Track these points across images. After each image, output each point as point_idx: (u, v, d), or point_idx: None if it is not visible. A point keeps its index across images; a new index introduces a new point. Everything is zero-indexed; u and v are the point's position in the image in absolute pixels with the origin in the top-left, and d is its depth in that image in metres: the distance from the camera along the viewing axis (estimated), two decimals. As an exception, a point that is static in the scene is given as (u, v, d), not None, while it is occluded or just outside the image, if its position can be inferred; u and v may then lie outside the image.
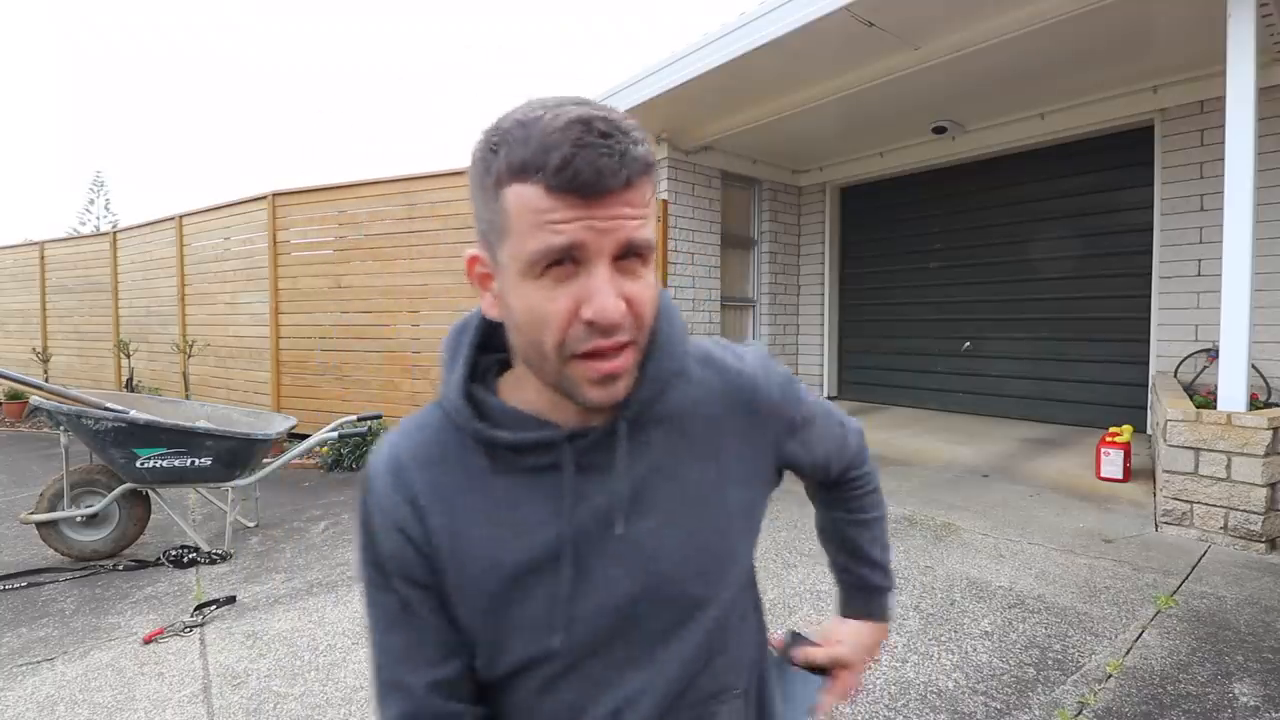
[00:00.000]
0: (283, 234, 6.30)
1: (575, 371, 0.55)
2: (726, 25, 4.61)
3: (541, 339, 0.54)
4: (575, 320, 0.53)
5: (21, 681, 2.21)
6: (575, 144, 0.49)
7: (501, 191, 0.52)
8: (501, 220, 0.53)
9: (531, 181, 0.50)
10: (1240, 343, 3.19)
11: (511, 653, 0.62)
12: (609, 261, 0.53)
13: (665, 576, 0.63)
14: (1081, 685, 2.02)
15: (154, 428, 3.19)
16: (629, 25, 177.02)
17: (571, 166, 0.49)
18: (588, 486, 0.62)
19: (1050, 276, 5.91)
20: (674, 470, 0.65)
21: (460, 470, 0.63)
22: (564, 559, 0.60)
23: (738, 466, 0.68)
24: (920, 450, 5.14)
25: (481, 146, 0.54)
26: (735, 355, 0.72)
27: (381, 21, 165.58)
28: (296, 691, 2.12)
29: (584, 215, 0.51)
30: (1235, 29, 3.24)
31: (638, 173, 0.52)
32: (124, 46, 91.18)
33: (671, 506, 0.64)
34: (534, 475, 0.61)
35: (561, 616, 0.60)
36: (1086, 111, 5.35)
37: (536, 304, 0.53)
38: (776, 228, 7.56)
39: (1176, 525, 3.30)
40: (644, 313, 0.56)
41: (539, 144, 0.50)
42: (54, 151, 69.30)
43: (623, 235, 0.52)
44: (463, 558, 0.61)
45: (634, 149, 0.51)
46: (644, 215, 0.54)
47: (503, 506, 0.61)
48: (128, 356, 7.62)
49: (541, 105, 0.52)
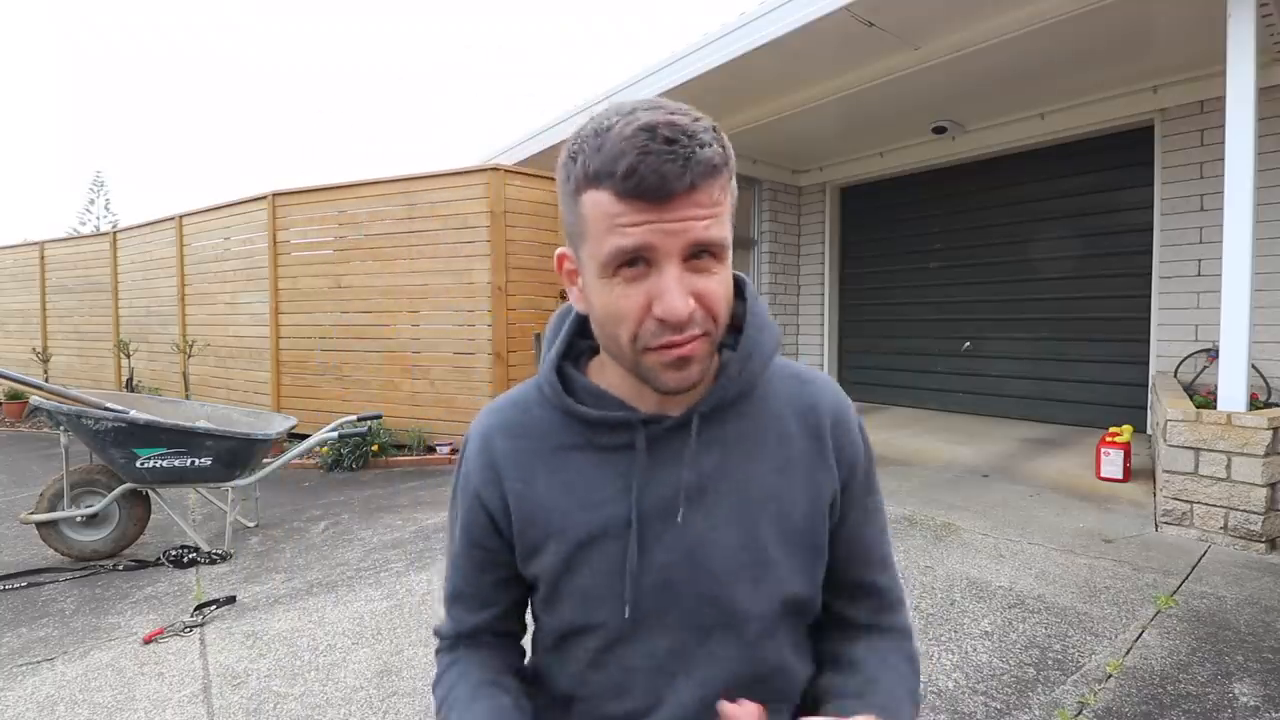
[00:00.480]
0: (283, 234, 6.30)
1: (650, 360, 0.58)
2: (726, 25, 4.61)
3: (618, 332, 0.58)
4: (647, 316, 0.56)
5: (21, 681, 2.21)
6: (641, 151, 0.52)
7: (580, 197, 0.56)
8: (580, 224, 0.57)
9: (603, 188, 0.54)
10: (1240, 343, 3.19)
11: (563, 616, 0.68)
12: (679, 261, 0.55)
13: (711, 575, 0.64)
14: (1081, 685, 2.02)
15: (154, 428, 3.19)
16: (629, 25, 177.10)
17: (637, 173, 0.52)
18: (656, 471, 0.65)
19: (1050, 276, 5.91)
20: (740, 473, 0.67)
21: (542, 442, 0.69)
22: (631, 535, 0.64)
23: (808, 487, 0.68)
24: (920, 450, 5.14)
25: (565, 155, 0.58)
26: (828, 383, 0.74)
27: (381, 21, 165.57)
28: (296, 691, 2.11)
29: (652, 219, 0.54)
30: (1235, 29, 3.24)
31: (703, 175, 0.54)
32: (124, 46, 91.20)
33: (731, 508, 0.66)
34: (608, 454, 0.66)
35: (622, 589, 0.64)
36: (1086, 111, 5.35)
37: (612, 301, 0.57)
38: (776, 228, 7.56)
39: (1176, 525, 3.30)
40: (716, 307, 0.58)
41: (609, 153, 0.53)
42: (54, 151, 69.30)
43: (690, 236, 0.55)
44: (532, 519, 0.68)
45: (700, 152, 0.53)
46: (714, 215, 0.55)
47: (576, 479, 0.67)
48: (128, 356, 7.62)
49: (617, 112, 0.55)
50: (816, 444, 0.69)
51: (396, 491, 4.55)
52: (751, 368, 0.67)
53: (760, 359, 0.67)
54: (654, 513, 0.65)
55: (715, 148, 0.55)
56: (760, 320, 0.69)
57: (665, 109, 0.55)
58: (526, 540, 0.68)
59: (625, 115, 0.54)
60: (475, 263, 5.44)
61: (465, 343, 5.54)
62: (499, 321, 5.39)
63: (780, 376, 0.72)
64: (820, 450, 0.69)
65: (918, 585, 2.76)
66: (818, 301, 7.73)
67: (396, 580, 2.98)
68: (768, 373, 0.70)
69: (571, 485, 0.67)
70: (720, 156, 0.55)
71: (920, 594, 2.68)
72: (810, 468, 0.69)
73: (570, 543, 0.66)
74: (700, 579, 0.64)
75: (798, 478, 0.68)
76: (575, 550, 0.66)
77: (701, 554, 0.64)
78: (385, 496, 4.43)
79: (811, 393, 0.72)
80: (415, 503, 4.25)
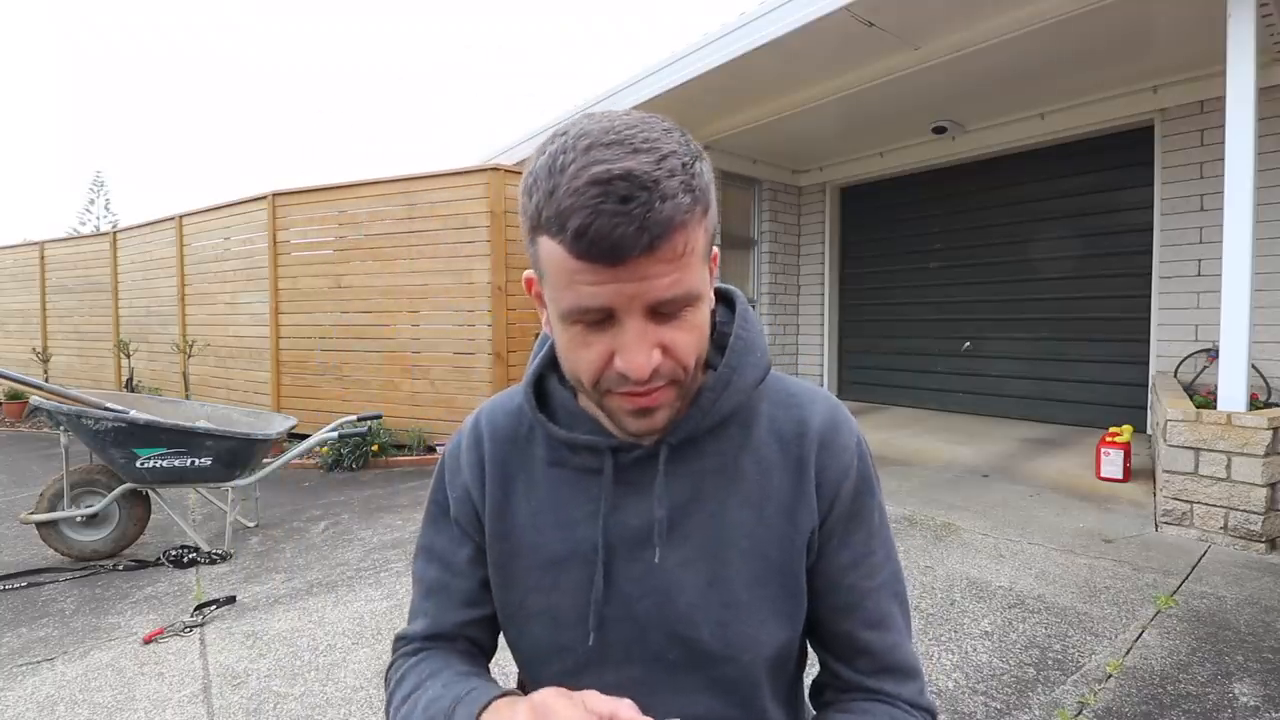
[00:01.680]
0: (283, 234, 6.30)
1: (613, 403, 0.56)
2: (726, 25, 4.61)
3: (579, 375, 0.56)
4: (609, 367, 0.53)
5: (21, 681, 2.21)
6: (592, 212, 0.47)
7: (536, 239, 0.52)
8: (539, 264, 0.54)
9: (556, 240, 0.49)
10: (1240, 343, 3.19)
11: (533, 633, 0.65)
12: (642, 316, 0.51)
13: (678, 613, 0.61)
14: (1081, 685, 2.02)
15: (154, 428, 3.19)
16: (629, 25, 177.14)
17: (587, 236, 0.47)
18: (625, 500, 0.63)
19: (1050, 276, 5.91)
20: (716, 507, 0.63)
21: (524, 452, 0.68)
22: (597, 563, 0.62)
23: (785, 525, 0.63)
24: (920, 450, 5.14)
25: (524, 182, 0.53)
26: (819, 401, 0.66)
27: (382, 21, 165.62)
28: (296, 691, 2.11)
29: (610, 278, 0.49)
30: (1235, 29, 3.24)
31: (663, 234, 0.48)
32: (124, 46, 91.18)
33: (703, 544, 0.62)
34: (583, 474, 0.64)
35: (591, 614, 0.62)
36: (1086, 111, 5.35)
37: (573, 348, 0.54)
38: (776, 228, 7.56)
39: (1176, 525, 3.30)
40: (684, 358, 0.54)
41: (560, 204, 0.48)
42: (54, 151, 69.34)
43: (651, 296, 0.50)
44: (507, 530, 0.66)
45: (660, 208, 0.47)
46: (678, 269, 0.50)
47: (551, 496, 0.65)
48: (128, 356, 7.62)
49: (574, 148, 0.49)
50: (798, 475, 0.63)
51: (396, 491, 4.55)
52: (728, 398, 0.61)
53: (740, 388, 0.62)
54: (622, 542, 0.62)
55: (681, 198, 0.48)
56: (746, 343, 0.63)
57: (626, 146, 0.48)
58: (497, 551, 0.67)
59: (580, 154, 0.48)
60: (475, 263, 5.44)
61: (465, 343, 5.54)
62: (499, 321, 5.39)
63: (772, 398, 0.66)
64: (801, 481, 0.63)
65: (918, 585, 2.76)
66: (818, 301, 7.73)
67: (396, 580, 2.98)
68: (756, 395, 0.65)
69: (547, 503, 0.65)
70: (687, 205, 0.49)
71: (920, 594, 2.68)
72: (790, 502, 0.63)
73: (542, 561, 0.64)
74: (666, 617, 0.61)
75: (775, 514, 0.62)
76: (547, 569, 0.64)
77: (667, 591, 0.61)
78: (385, 496, 4.43)
79: (802, 417, 0.65)
80: (415, 503, 4.24)
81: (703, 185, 0.51)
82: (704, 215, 0.52)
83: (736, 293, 0.68)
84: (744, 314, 0.66)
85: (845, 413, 0.67)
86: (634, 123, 0.50)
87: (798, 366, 7.92)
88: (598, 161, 0.47)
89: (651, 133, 0.49)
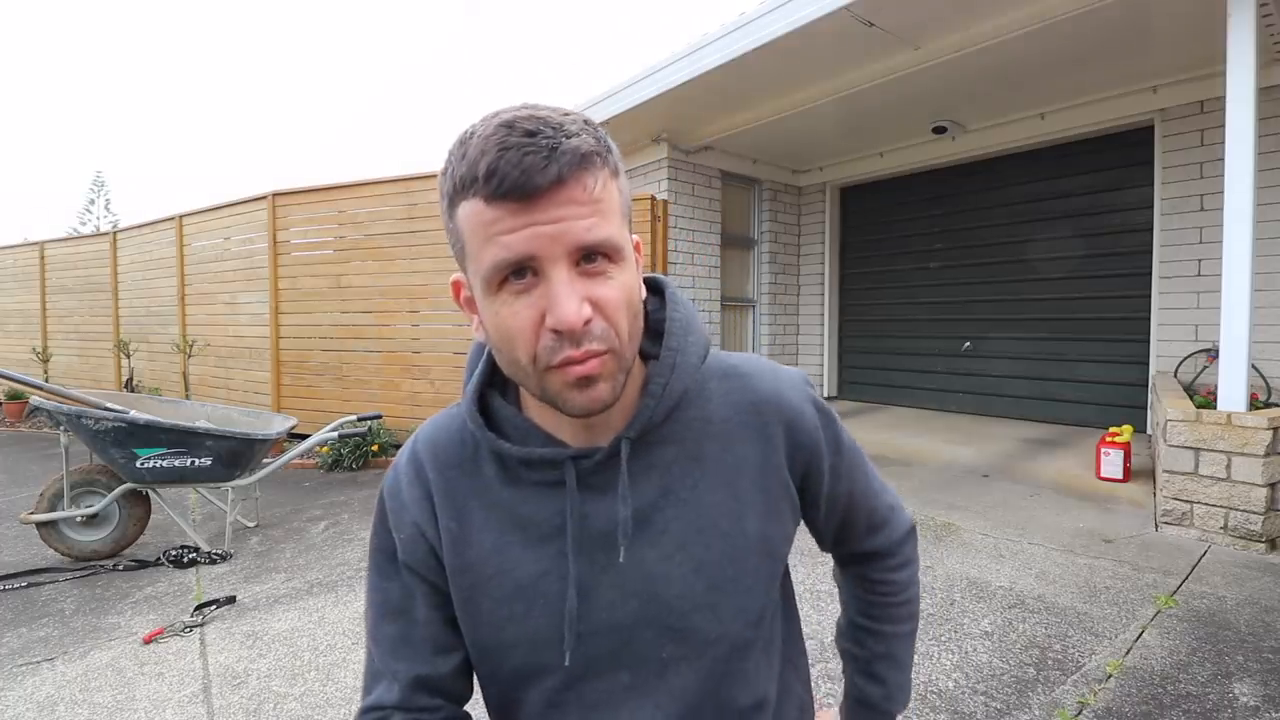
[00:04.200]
0: (283, 234, 6.30)
1: (553, 381, 0.53)
2: (726, 25, 4.61)
3: (516, 354, 0.53)
4: (542, 330, 0.51)
5: (21, 681, 2.21)
6: (500, 147, 0.48)
7: (455, 211, 0.52)
8: (460, 240, 0.53)
9: (472, 196, 0.50)
10: (1240, 343, 3.19)
11: (513, 661, 0.62)
12: (567, 266, 0.50)
13: (668, 606, 0.60)
14: (1081, 685, 2.02)
15: (154, 428, 3.19)
16: (629, 25, 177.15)
17: (499, 173, 0.48)
18: (592, 507, 0.61)
19: (1050, 276, 5.91)
20: (688, 495, 0.62)
21: (474, 476, 0.63)
22: (569, 579, 0.60)
23: (756, 495, 0.64)
24: (920, 450, 5.14)
25: (441, 171, 0.53)
26: (763, 370, 0.68)
27: (382, 22, 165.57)
28: (296, 691, 2.11)
29: (526, 221, 0.49)
30: (1235, 29, 3.24)
31: (572, 166, 0.49)
32: (124, 46, 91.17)
33: (682, 533, 0.61)
34: (542, 489, 0.61)
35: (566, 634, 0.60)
36: (1086, 111, 5.35)
37: (504, 319, 0.52)
38: (776, 228, 7.56)
39: (1176, 525, 3.30)
40: (615, 316, 0.53)
41: (471, 156, 0.49)
42: (54, 151, 69.33)
43: (571, 238, 0.50)
44: (469, 562, 0.62)
45: (566, 142, 0.49)
46: (595, 212, 0.50)
47: (511, 516, 0.62)
48: (128, 356, 7.62)
49: (484, 121, 0.51)
50: (762, 445, 0.64)
51: (396, 491, 4.55)
52: (677, 380, 0.61)
53: (686, 368, 0.62)
54: (597, 549, 0.60)
55: (585, 137, 0.50)
56: (683, 324, 0.63)
57: (534, 106, 0.52)
58: (461, 585, 0.62)
59: (489, 118, 0.51)
60: (475, 263, 5.43)
61: (465, 343, 5.53)
62: (499, 321, 5.38)
63: (715, 377, 0.66)
64: (767, 449, 0.64)
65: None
66: (818, 301, 7.72)
67: (396, 580, 2.98)
68: (702, 376, 0.65)
69: (509, 525, 0.62)
70: (592, 145, 0.50)
71: (920, 594, 2.68)
72: (759, 472, 0.64)
73: (512, 588, 0.61)
74: (654, 614, 0.60)
75: (747, 486, 0.63)
76: (519, 595, 0.61)
77: (653, 588, 0.60)
78: (385, 496, 4.43)
79: (748, 388, 0.65)
80: (415, 503, 4.24)
81: (610, 146, 0.53)
82: (614, 175, 0.53)
83: (664, 279, 0.67)
84: (674, 297, 0.65)
85: (786, 370, 0.70)
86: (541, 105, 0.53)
87: (798, 366, 7.90)
88: (504, 115, 0.50)
89: (556, 107, 0.53)
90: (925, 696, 1.99)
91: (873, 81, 4.85)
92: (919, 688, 2.03)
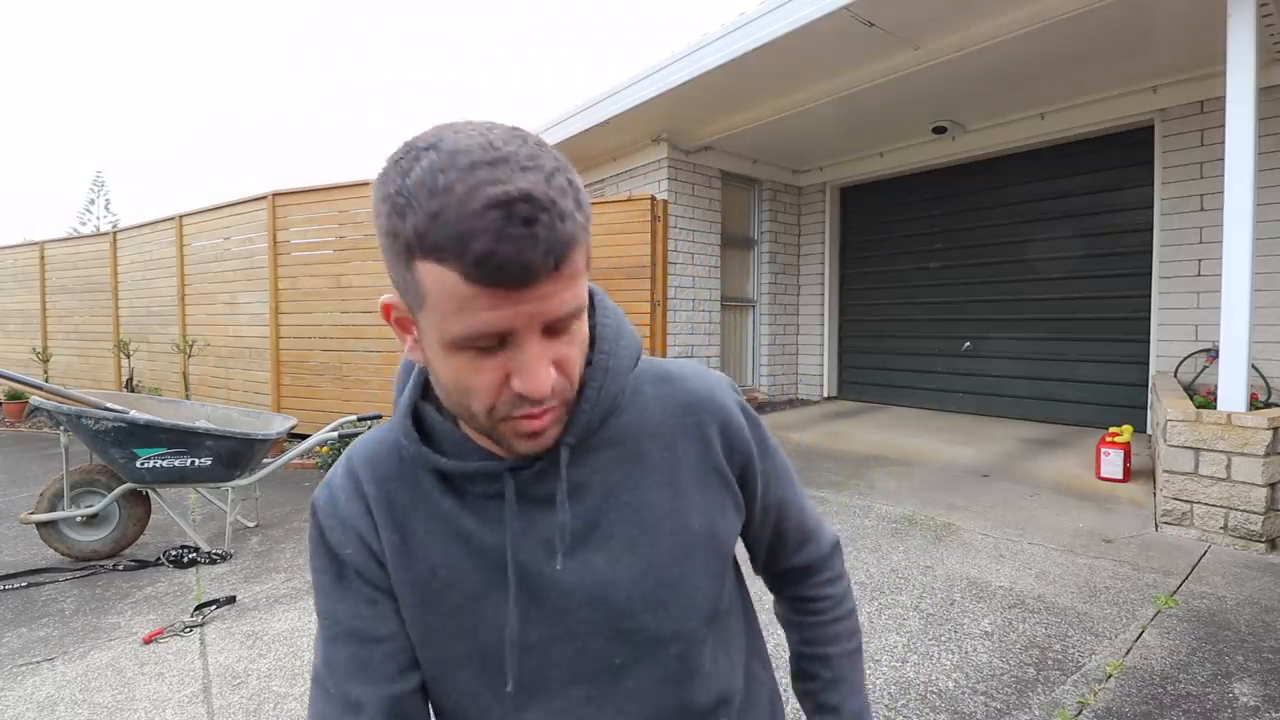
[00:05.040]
0: (283, 234, 6.30)
1: (505, 429, 0.54)
2: (726, 25, 4.61)
3: (469, 404, 0.52)
4: (504, 389, 0.51)
5: (21, 681, 2.21)
6: (496, 237, 0.43)
7: (414, 264, 0.47)
8: (416, 291, 0.48)
9: (448, 266, 0.45)
10: (1240, 343, 3.19)
11: (461, 685, 0.61)
12: (539, 335, 0.50)
13: (618, 610, 0.60)
14: (1081, 685, 2.02)
15: (154, 428, 3.19)
16: (629, 25, 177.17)
17: (493, 262, 0.44)
18: (535, 516, 0.60)
19: (1050, 276, 5.91)
20: (630, 497, 0.62)
21: (413, 489, 0.62)
22: (510, 596, 0.59)
23: (698, 492, 0.64)
24: (920, 450, 5.14)
25: (386, 201, 0.47)
26: (694, 373, 0.69)
27: (382, 21, 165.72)
28: (296, 691, 2.11)
29: (512, 304, 0.47)
30: (1235, 29, 3.24)
31: (565, 254, 0.47)
32: (124, 46, 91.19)
33: (628, 535, 0.61)
34: (483, 500, 0.61)
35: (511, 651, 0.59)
36: (1086, 111, 5.36)
37: (464, 376, 0.51)
38: (776, 228, 7.56)
39: (1176, 525, 3.30)
40: (573, 371, 0.54)
41: (452, 228, 0.44)
42: (54, 151, 69.32)
43: (549, 314, 0.49)
44: (416, 576, 0.61)
45: (561, 227, 0.46)
46: (573, 284, 0.49)
47: (454, 529, 0.60)
48: (128, 356, 7.62)
49: (454, 165, 0.45)
50: (700, 444, 0.65)
51: (396, 491, 4.55)
52: (612, 382, 0.60)
53: (619, 371, 0.61)
54: (540, 562, 0.59)
55: (576, 215, 0.47)
56: (613, 329, 0.62)
57: (512, 164, 0.45)
58: (409, 601, 0.61)
59: (465, 173, 0.44)
60: (475, 263, 5.44)
61: (465, 343, 5.54)
62: (499, 321, 5.38)
63: (649, 381, 0.66)
64: (705, 450, 0.65)
65: (918, 585, 2.76)
66: (818, 301, 7.73)
67: (396, 580, 2.98)
68: (635, 380, 0.65)
69: (452, 537, 0.60)
70: (581, 221, 0.48)
71: (920, 594, 2.68)
72: (699, 469, 0.64)
73: (458, 601, 0.60)
74: (603, 619, 0.60)
75: (688, 484, 0.64)
76: (465, 609, 0.60)
77: (602, 593, 0.60)
78: (385, 496, 4.43)
79: (682, 390, 0.66)
80: (415, 503, 4.24)
81: (585, 198, 0.50)
82: (585, 237, 0.51)
83: (593, 287, 0.65)
84: (602, 304, 0.64)
85: (717, 375, 0.71)
86: (505, 136, 0.47)
87: (798, 366, 7.92)
88: (489, 182, 0.44)
89: (526, 147, 0.47)
90: (925, 696, 1.99)
91: (873, 81, 4.85)
92: (919, 687, 2.03)
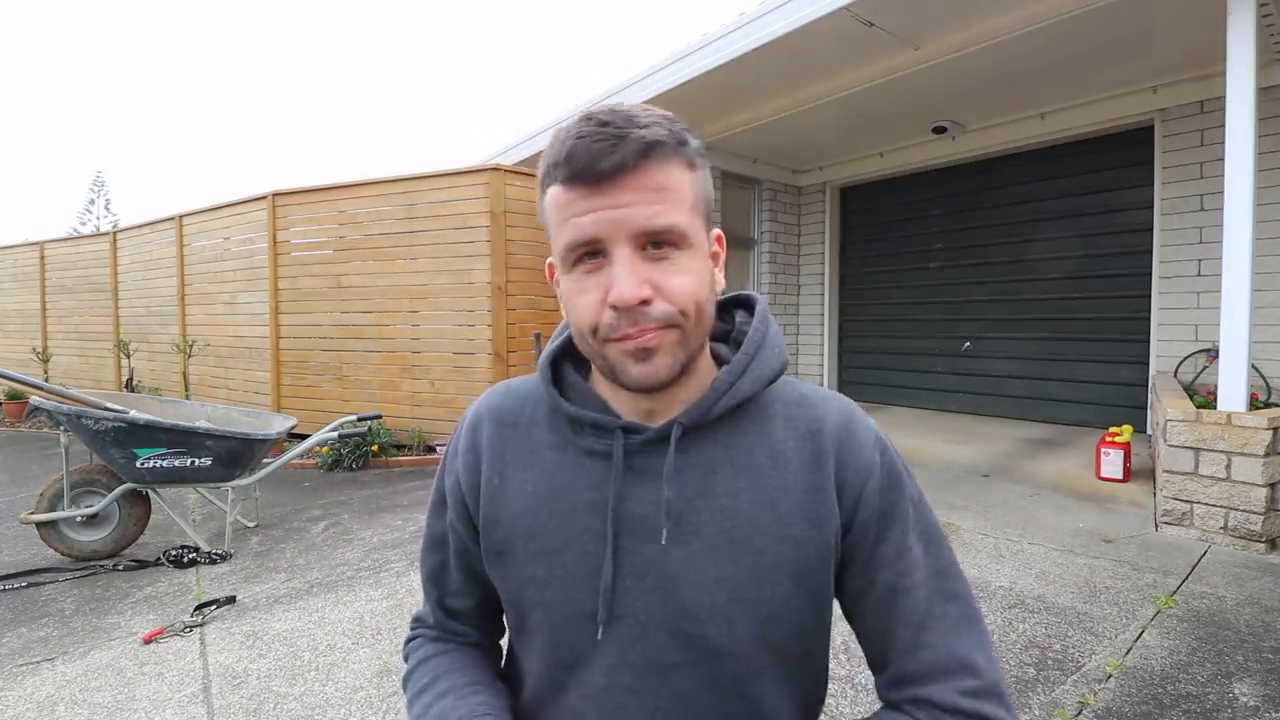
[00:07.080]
0: (283, 234, 6.30)
1: (613, 351, 0.57)
2: (726, 25, 4.61)
3: (581, 325, 0.57)
4: (604, 307, 0.55)
5: (21, 681, 2.21)
6: (576, 136, 0.53)
7: (543, 195, 0.58)
8: (547, 223, 0.59)
9: (554, 181, 0.56)
10: (1240, 343, 3.19)
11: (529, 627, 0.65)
12: (631, 249, 0.54)
13: (684, 611, 0.59)
14: (1081, 685, 2.02)
15: (154, 428, 3.19)
16: (630, 25, 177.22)
17: (574, 159, 0.53)
18: (631, 488, 0.61)
19: (1050, 276, 5.90)
20: (727, 503, 0.60)
21: (525, 435, 0.67)
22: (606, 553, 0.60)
23: (801, 523, 0.60)
24: (920, 450, 5.14)
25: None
26: (836, 406, 0.65)
27: (382, 21, 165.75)
28: (296, 691, 2.11)
29: (595, 205, 0.53)
30: (1235, 29, 3.24)
31: (638, 154, 0.53)
32: (124, 46, 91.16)
33: (712, 539, 0.60)
34: (586, 459, 0.63)
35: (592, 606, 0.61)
36: (1086, 111, 5.35)
37: (573, 295, 0.57)
38: (776, 228, 7.56)
39: (1176, 525, 3.30)
40: (678, 299, 0.55)
41: (555, 145, 0.55)
42: (54, 151, 69.30)
43: (634, 223, 0.53)
44: (498, 520, 0.65)
45: (635, 132, 0.53)
46: (660, 199, 0.54)
47: (547, 483, 0.64)
48: (128, 356, 7.62)
49: (575, 118, 0.56)
50: (816, 472, 0.61)
51: (396, 491, 4.55)
52: (745, 382, 0.62)
53: (755, 377, 0.62)
54: (626, 533, 0.60)
55: (658, 129, 0.54)
56: (762, 338, 0.64)
57: (616, 104, 0.56)
58: (491, 540, 0.65)
59: (579, 119, 0.56)
60: (475, 263, 5.44)
61: (465, 343, 5.54)
62: (499, 321, 5.39)
63: (785, 400, 0.65)
64: (819, 479, 0.61)
65: (918, 585, 2.76)
66: (818, 301, 7.72)
67: (396, 580, 2.98)
68: (769, 396, 0.65)
69: (544, 489, 0.63)
70: (663, 136, 0.54)
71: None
72: (807, 499, 0.61)
73: (536, 551, 0.62)
74: (670, 613, 0.59)
75: (791, 510, 0.60)
76: (542, 560, 0.62)
77: (672, 586, 0.59)
78: (385, 496, 4.43)
79: (813, 416, 0.64)
80: (415, 503, 4.24)
81: (688, 139, 0.57)
82: (689, 167, 0.57)
83: (758, 298, 0.70)
84: (763, 314, 0.68)
85: (861, 412, 0.67)
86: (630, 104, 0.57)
87: (798, 366, 7.92)
88: (591, 109, 0.55)
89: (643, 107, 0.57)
90: None
91: (873, 81, 4.85)
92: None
